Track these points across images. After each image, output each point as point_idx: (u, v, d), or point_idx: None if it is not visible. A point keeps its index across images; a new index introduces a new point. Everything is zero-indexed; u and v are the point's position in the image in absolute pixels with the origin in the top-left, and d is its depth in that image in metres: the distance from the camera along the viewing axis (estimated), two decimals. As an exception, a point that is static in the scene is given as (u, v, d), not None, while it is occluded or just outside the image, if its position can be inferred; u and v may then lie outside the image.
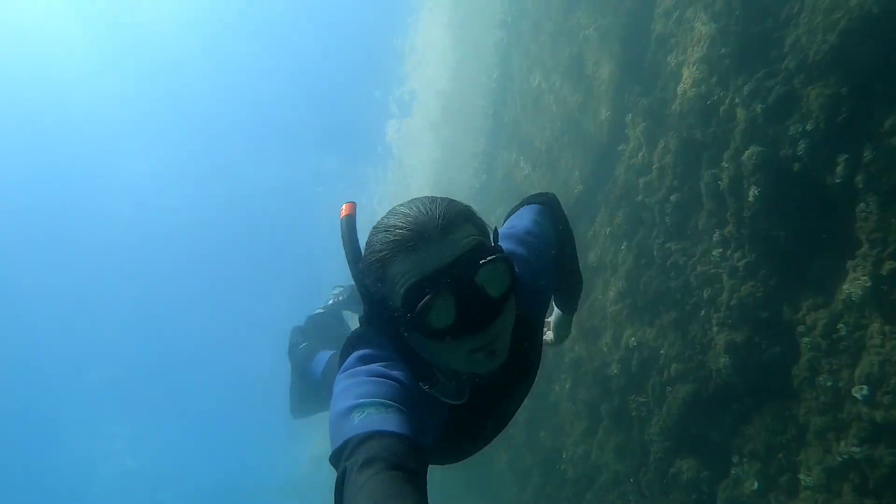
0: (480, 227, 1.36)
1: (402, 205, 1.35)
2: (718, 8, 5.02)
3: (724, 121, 4.97)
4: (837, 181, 3.99)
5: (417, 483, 1.08)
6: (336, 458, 1.16)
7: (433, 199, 1.33)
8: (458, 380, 1.45)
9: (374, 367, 1.38)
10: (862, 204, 3.86)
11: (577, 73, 8.09)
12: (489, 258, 1.25)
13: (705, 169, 5.20)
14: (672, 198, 5.75)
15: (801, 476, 4.36)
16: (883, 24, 3.72)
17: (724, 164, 4.90)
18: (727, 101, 4.93)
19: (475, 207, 1.41)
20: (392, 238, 1.25)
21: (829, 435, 4.13)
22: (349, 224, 1.51)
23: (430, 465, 1.38)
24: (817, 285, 4.28)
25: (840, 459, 4.00)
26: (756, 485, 4.86)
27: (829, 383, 4.11)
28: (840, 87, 3.97)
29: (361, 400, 1.25)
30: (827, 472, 4.14)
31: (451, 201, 1.35)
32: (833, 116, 4.01)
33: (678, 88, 5.62)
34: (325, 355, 3.47)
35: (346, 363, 1.44)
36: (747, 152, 4.61)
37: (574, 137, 8.22)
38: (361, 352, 1.44)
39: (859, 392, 3.84)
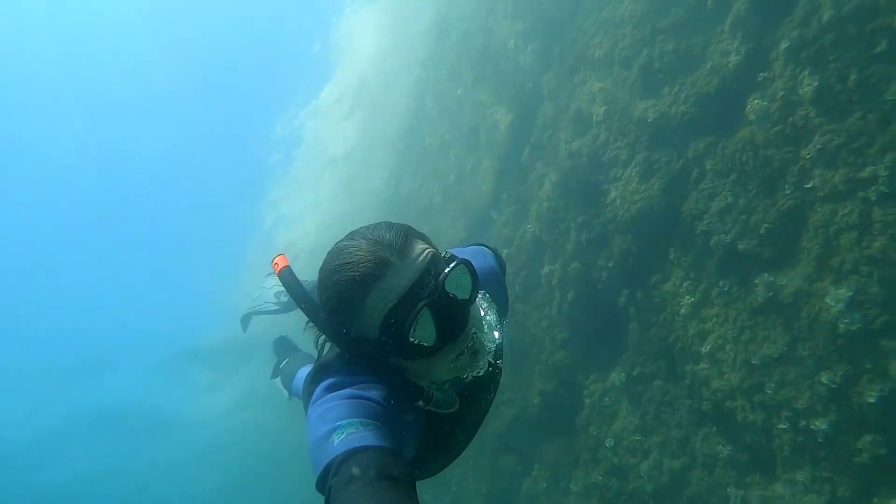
0: (427, 240, 1.36)
1: (345, 241, 1.33)
2: (571, 155, 6.74)
3: (562, 236, 6.75)
4: (620, 305, 5.89)
5: (405, 491, 1.04)
6: (321, 483, 1.11)
7: (376, 227, 1.33)
8: (443, 390, 1.44)
9: (347, 391, 1.31)
10: (632, 324, 5.80)
11: (474, 141, 9.63)
12: (451, 265, 1.26)
13: (546, 264, 6.99)
14: (521, 274, 7.53)
15: (571, 485, 6.39)
16: (659, 214, 5.56)
17: (557, 266, 6.71)
18: (567, 222, 6.70)
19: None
20: (352, 275, 1.22)
21: (590, 465, 6.15)
22: (290, 276, 1.47)
23: None
24: (600, 367, 6.24)
25: (594, 481, 6.03)
26: (545, 484, 6.89)
27: (594, 433, 6.12)
28: (632, 244, 5.83)
29: (339, 422, 1.20)
30: (586, 486, 6.17)
31: (393, 224, 1.34)
32: (625, 262, 5.88)
33: (541, 192, 7.34)
34: (303, 374, 3.38)
35: (314, 396, 1.37)
36: (572, 265, 6.42)
37: (464, 190, 9.81)
38: (327, 382, 1.37)
39: (609, 443, 5.86)
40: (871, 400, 3.77)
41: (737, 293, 4.80)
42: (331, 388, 1.35)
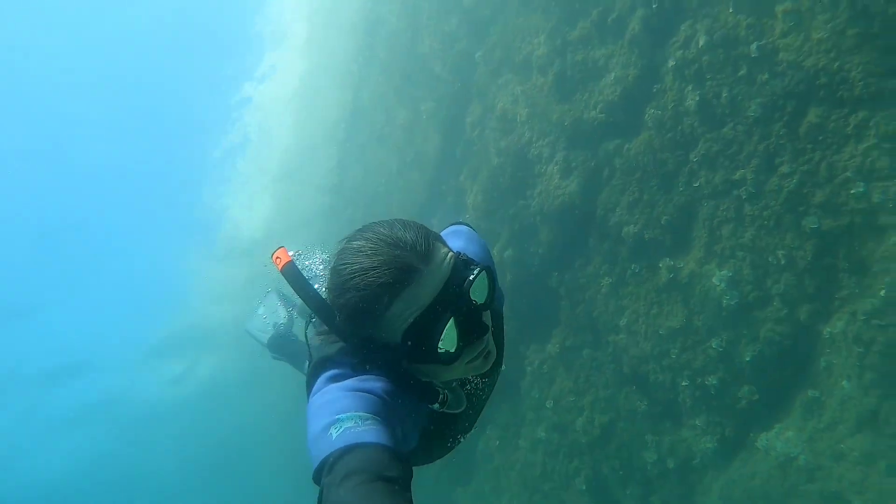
0: (441, 240, 1.31)
1: (359, 240, 1.25)
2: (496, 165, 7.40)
3: (499, 224, 7.47)
4: (552, 286, 6.69)
5: (400, 493, 1.02)
6: (317, 477, 1.08)
7: (391, 225, 1.26)
8: (452, 389, 1.44)
9: (348, 382, 1.28)
10: (562, 303, 6.62)
11: (408, 139, 10.15)
12: (475, 273, 1.24)
13: (485, 251, 7.69)
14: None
15: (520, 441, 7.28)
16: (578, 207, 6.33)
17: (494, 252, 7.44)
18: (501, 212, 7.41)
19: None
20: (376, 281, 1.16)
21: (535, 423, 7.04)
22: (295, 273, 1.39)
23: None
24: (538, 339, 7.07)
25: (539, 436, 6.92)
26: (497, 442, 7.77)
27: (536, 395, 6.99)
28: (558, 233, 6.59)
29: (337, 416, 1.17)
30: (532, 441, 7.06)
31: (408, 223, 1.28)
32: (552, 248, 6.66)
33: (468, 200, 7.99)
34: None
35: (315, 386, 1.35)
36: (507, 252, 7.17)
37: (406, 182, 10.36)
38: (330, 372, 1.35)
39: (549, 404, 6.74)
40: (748, 359, 4.72)
41: (645, 275, 5.66)
42: (333, 379, 1.32)
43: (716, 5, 4.95)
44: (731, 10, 4.83)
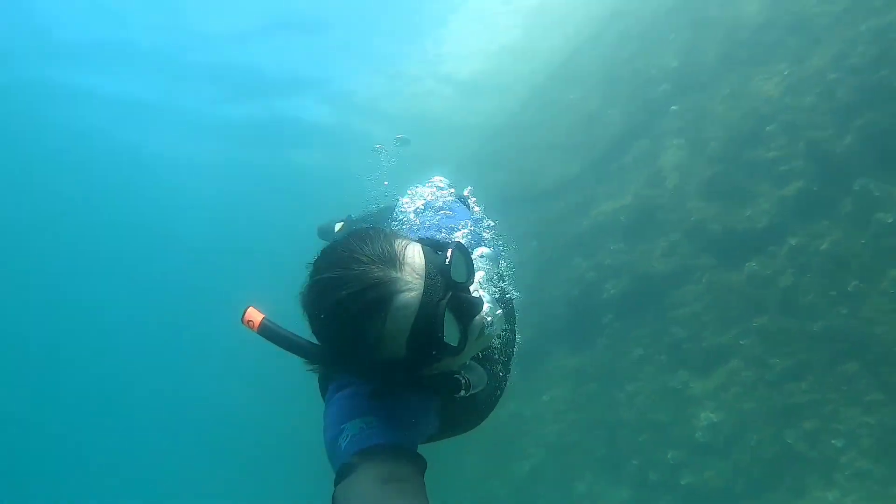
0: (400, 233, 1.26)
1: (327, 272, 1.15)
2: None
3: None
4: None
5: (410, 490, 1.00)
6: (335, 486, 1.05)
7: (347, 242, 1.19)
8: (469, 368, 1.39)
9: (350, 389, 1.29)
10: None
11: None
12: (449, 255, 1.19)
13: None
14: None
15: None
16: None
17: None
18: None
19: None
20: (362, 303, 1.09)
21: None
22: (274, 329, 1.27)
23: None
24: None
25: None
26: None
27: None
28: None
29: (343, 424, 1.17)
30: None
31: (363, 231, 1.22)
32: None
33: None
34: None
35: (327, 397, 1.35)
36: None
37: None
38: (336, 382, 1.34)
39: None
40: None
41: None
42: (338, 388, 1.32)
43: None
44: None
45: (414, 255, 1.16)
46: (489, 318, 1.29)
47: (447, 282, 1.16)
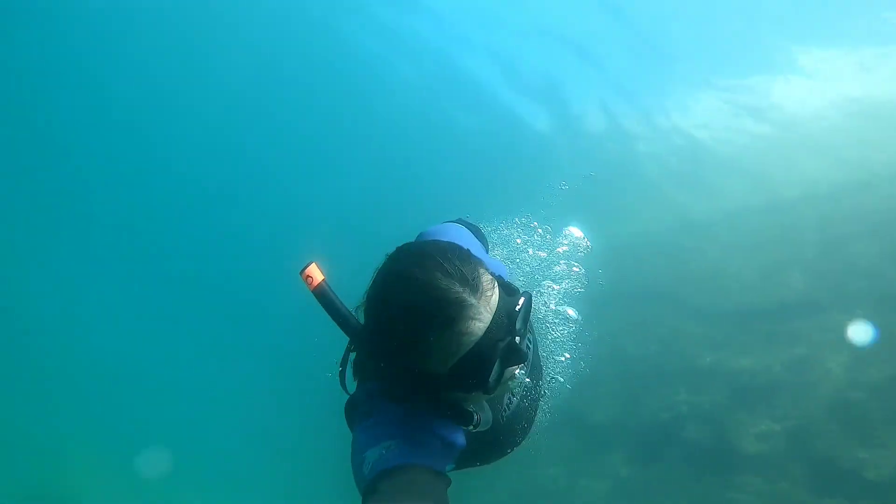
0: (484, 264, 1.24)
1: (402, 264, 1.18)
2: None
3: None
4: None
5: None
6: None
7: (434, 251, 1.17)
8: (481, 409, 1.37)
9: (371, 419, 1.28)
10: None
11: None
12: (521, 303, 1.22)
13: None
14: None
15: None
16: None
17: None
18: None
19: None
20: (424, 314, 1.09)
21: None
22: (330, 294, 1.29)
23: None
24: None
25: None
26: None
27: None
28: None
29: (365, 452, 1.18)
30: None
31: (450, 248, 1.20)
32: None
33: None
34: None
35: (353, 424, 1.38)
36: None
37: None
38: (360, 410, 1.36)
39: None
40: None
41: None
42: (362, 418, 1.32)
43: None
44: None
45: (493, 291, 1.17)
46: (519, 372, 1.34)
47: (510, 327, 1.17)
